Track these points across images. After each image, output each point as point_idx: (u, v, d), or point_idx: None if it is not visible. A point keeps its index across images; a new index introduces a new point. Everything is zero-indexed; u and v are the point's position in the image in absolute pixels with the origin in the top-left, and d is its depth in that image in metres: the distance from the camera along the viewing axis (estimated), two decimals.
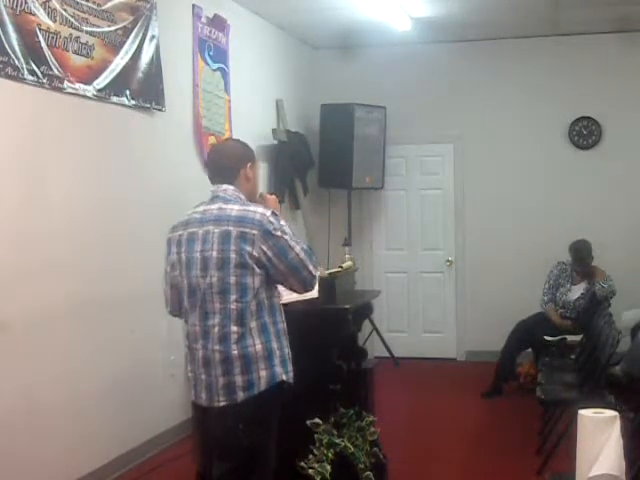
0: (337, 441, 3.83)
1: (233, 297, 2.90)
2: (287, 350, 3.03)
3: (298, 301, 3.68)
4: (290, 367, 3.02)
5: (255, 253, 2.89)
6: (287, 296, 3.64)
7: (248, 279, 2.90)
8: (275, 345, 2.96)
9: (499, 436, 5.57)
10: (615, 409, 2.25)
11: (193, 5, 5.79)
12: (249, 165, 3.12)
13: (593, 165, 7.82)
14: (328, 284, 3.91)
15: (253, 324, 2.92)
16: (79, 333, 4.48)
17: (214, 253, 2.92)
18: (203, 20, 5.92)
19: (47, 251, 4.23)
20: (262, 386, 2.91)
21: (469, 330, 8.11)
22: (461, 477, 4.82)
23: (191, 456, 3.28)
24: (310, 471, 3.72)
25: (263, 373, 2.92)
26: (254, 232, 2.89)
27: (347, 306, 3.96)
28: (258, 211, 2.94)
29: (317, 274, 3.07)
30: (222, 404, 2.93)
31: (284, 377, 2.97)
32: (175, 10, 5.56)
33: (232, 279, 2.90)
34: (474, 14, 7.02)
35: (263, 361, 2.92)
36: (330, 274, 4.04)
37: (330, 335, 3.90)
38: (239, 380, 2.90)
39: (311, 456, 3.76)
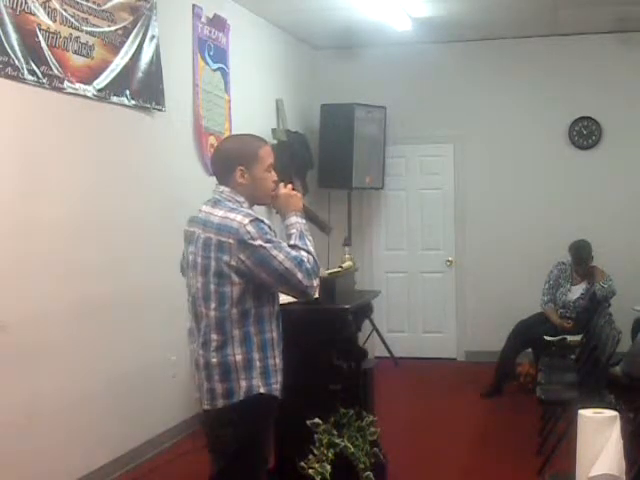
0: (337, 441, 3.83)
1: (213, 305, 2.85)
2: (273, 361, 2.92)
3: (298, 301, 3.67)
4: (275, 379, 2.92)
5: (233, 262, 2.80)
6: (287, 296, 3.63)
7: (226, 288, 2.83)
8: (256, 356, 2.87)
9: (499, 436, 5.57)
10: (615, 409, 2.25)
11: (193, 5, 5.79)
12: (239, 169, 2.92)
13: (593, 165, 7.82)
14: (328, 284, 3.91)
15: (235, 332, 2.85)
16: (79, 333, 4.48)
17: (198, 259, 2.88)
18: (203, 20, 5.92)
19: (47, 251, 4.22)
20: (241, 396, 2.85)
21: (469, 330, 8.11)
22: (461, 477, 4.82)
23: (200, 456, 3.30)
24: (310, 471, 3.72)
25: (243, 383, 2.85)
26: (230, 241, 2.80)
27: (347, 306, 3.95)
28: (237, 219, 2.82)
29: (314, 283, 2.87)
30: (206, 407, 2.92)
31: (262, 390, 2.87)
32: (175, 10, 5.56)
33: (212, 287, 2.85)
34: (474, 14, 7.02)
35: (243, 371, 2.85)
36: (330, 274, 4.04)
37: (330, 335, 3.90)
38: (219, 387, 2.87)
39: (311, 456, 3.76)
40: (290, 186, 3.10)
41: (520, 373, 6.71)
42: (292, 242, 2.91)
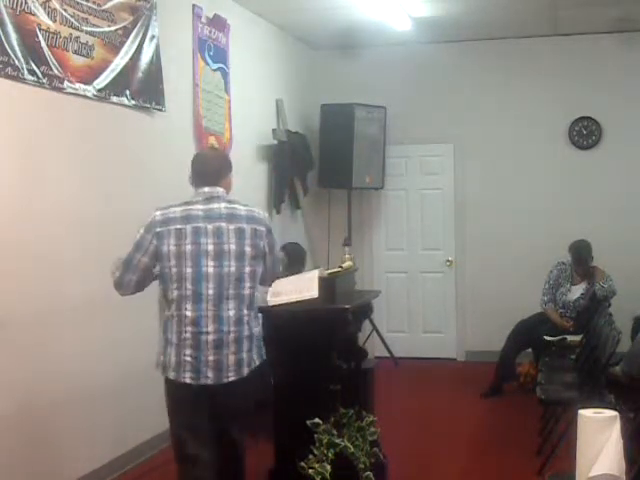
0: (337, 441, 3.83)
1: (248, 284, 3.34)
2: None
3: (298, 301, 3.68)
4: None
5: (263, 247, 3.40)
6: (287, 296, 3.65)
7: (259, 268, 3.40)
8: (260, 329, 3.46)
9: (499, 436, 5.57)
10: (615, 409, 2.25)
11: (193, 5, 5.79)
12: (230, 174, 3.52)
13: (593, 165, 7.82)
14: (328, 284, 3.91)
15: (254, 308, 3.41)
16: (79, 333, 4.48)
17: (232, 246, 3.31)
18: (203, 20, 5.92)
19: (47, 251, 4.23)
20: (257, 361, 3.39)
21: (469, 330, 8.11)
22: (461, 477, 4.82)
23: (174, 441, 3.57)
24: (310, 471, 3.72)
25: (259, 350, 3.42)
26: (262, 229, 3.41)
27: (347, 306, 3.95)
28: (260, 211, 3.48)
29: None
30: (231, 379, 3.29)
31: (264, 356, 3.47)
32: (175, 10, 5.56)
33: (247, 269, 3.34)
34: (474, 14, 7.02)
35: (258, 340, 3.42)
36: (330, 274, 4.04)
37: (330, 335, 3.90)
38: (245, 357, 3.32)
39: (311, 456, 3.75)
40: None
41: (520, 373, 6.71)
42: None
